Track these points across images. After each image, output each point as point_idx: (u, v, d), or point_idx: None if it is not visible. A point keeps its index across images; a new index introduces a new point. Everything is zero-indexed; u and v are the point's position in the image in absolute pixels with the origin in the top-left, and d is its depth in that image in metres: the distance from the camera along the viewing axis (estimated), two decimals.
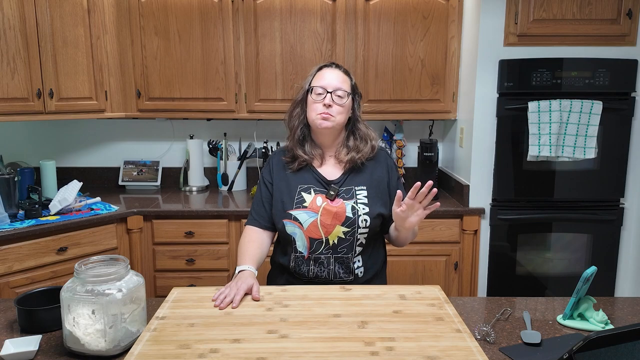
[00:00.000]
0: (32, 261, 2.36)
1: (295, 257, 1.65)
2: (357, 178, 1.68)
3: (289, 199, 1.65)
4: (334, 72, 1.67)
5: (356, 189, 1.66)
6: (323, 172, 1.69)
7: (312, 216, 1.61)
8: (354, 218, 1.61)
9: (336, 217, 1.61)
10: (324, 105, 1.61)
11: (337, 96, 1.62)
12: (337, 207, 1.62)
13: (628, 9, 2.54)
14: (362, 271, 1.66)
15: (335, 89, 1.63)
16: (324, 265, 1.63)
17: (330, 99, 1.62)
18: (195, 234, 2.71)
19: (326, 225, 1.61)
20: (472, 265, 2.77)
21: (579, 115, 2.54)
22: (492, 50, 2.61)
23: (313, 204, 1.63)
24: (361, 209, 1.63)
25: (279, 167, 1.73)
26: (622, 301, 1.55)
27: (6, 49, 2.46)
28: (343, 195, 1.65)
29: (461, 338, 1.20)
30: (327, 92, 1.62)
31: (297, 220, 1.62)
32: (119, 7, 2.85)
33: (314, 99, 1.64)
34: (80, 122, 3.26)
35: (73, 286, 1.19)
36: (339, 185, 1.66)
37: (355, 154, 1.67)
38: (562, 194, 2.69)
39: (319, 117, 1.62)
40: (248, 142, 3.24)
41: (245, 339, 1.20)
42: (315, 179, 1.68)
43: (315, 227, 1.61)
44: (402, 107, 2.97)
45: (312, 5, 2.86)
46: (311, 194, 1.64)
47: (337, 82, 1.64)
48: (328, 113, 1.61)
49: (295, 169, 1.69)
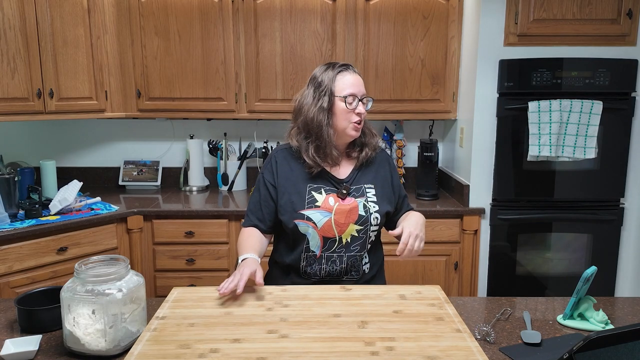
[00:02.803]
0: (32, 261, 2.36)
1: (307, 257, 1.64)
2: (366, 176, 1.70)
3: (299, 199, 1.63)
4: (356, 77, 1.66)
5: (365, 187, 1.68)
6: (333, 170, 1.69)
7: (327, 215, 1.61)
8: (367, 216, 1.63)
9: (350, 215, 1.61)
10: (357, 114, 1.62)
11: (364, 103, 1.64)
12: (350, 205, 1.63)
13: (628, 9, 2.54)
14: (368, 267, 1.68)
15: (363, 95, 1.65)
16: (336, 263, 1.63)
17: (362, 107, 1.63)
18: (196, 234, 2.71)
19: (340, 224, 1.61)
20: (472, 265, 2.77)
21: (579, 115, 2.54)
22: (492, 50, 2.61)
23: (326, 204, 1.62)
24: (372, 207, 1.64)
25: (284, 167, 1.69)
26: (622, 301, 1.55)
27: (6, 49, 2.46)
28: (354, 193, 1.66)
29: (461, 338, 1.20)
30: (359, 99, 1.63)
31: (311, 220, 1.60)
32: (119, 7, 2.85)
33: (347, 108, 1.61)
34: (80, 122, 3.26)
35: (73, 286, 1.19)
36: (349, 183, 1.67)
37: (368, 150, 1.70)
38: (562, 194, 2.69)
39: (352, 128, 1.63)
40: (248, 142, 3.24)
41: (246, 338, 1.20)
42: (325, 178, 1.67)
43: (330, 227, 1.61)
44: (402, 107, 2.97)
45: (312, 5, 2.86)
46: (322, 193, 1.64)
47: (362, 88, 1.65)
48: (360, 121, 1.63)
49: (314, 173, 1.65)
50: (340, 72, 1.65)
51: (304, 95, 1.67)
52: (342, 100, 1.61)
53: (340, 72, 1.65)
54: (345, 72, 1.65)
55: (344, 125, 1.63)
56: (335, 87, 1.63)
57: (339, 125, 1.63)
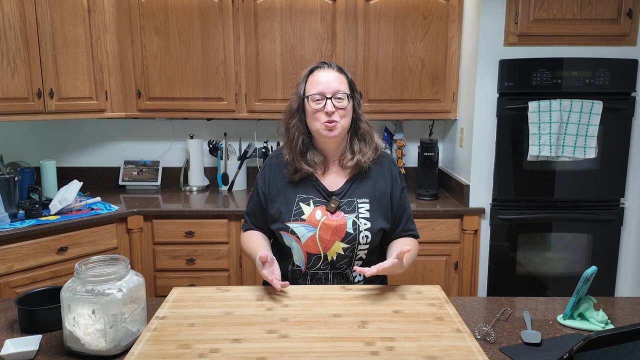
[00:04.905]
0: (32, 261, 2.36)
1: (292, 270, 1.58)
2: (360, 189, 1.58)
3: (287, 210, 1.55)
4: (329, 73, 1.54)
5: (358, 201, 1.56)
6: (325, 181, 1.59)
7: (311, 230, 1.52)
8: (355, 234, 1.52)
9: (336, 232, 1.51)
10: (326, 113, 1.50)
11: (337, 99, 1.51)
12: (337, 221, 1.52)
13: (628, 9, 2.54)
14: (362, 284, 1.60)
15: (334, 92, 1.51)
16: (321, 280, 1.56)
17: (332, 105, 1.50)
18: (196, 234, 2.71)
19: (325, 240, 1.52)
20: (472, 265, 2.77)
21: (579, 115, 2.54)
22: (492, 50, 2.61)
23: (312, 218, 1.53)
24: (363, 224, 1.53)
25: (276, 175, 1.62)
26: (622, 301, 1.55)
27: (6, 49, 2.46)
28: (344, 208, 1.55)
29: (461, 338, 1.20)
30: (326, 97, 1.50)
31: (295, 234, 1.53)
32: (119, 7, 2.85)
33: (313, 108, 1.52)
34: (80, 122, 3.26)
35: (73, 286, 1.19)
36: (341, 196, 1.56)
37: (361, 158, 1.57)
38: (562, 193, 2.69)
39: (323, 128, 1.51)
40: (248, 142, 3.24)
41: (246, 338, 1.20)
42: (316, 189, 1.57)
43: (314, 242, 1.52)
44: (402, 107, 2.97)
45: (312, 5, 2.86)
46: (310, 205, 1.55)
47: (334, 84, 1.52)
48: (333, 120, 1.50)
49: (297, 180, 1.58)
50: (312, 71, 1.57)
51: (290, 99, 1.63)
52: (309, 100, 1.53)
53: (312, 71, 1.57)
54: (318, 71, 1.55)
55: (316, 126, 1.53)
56: (306, 87, 1.56)
57: (312, 127, 1.55)
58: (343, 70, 1.59)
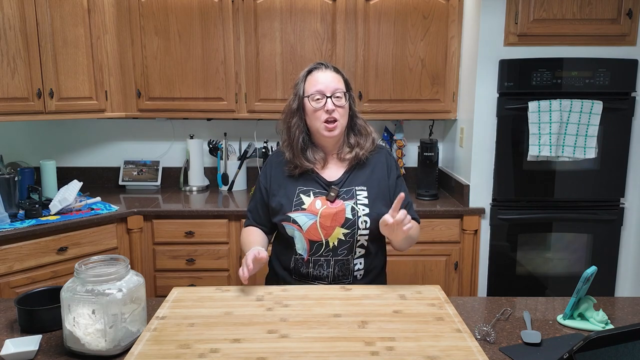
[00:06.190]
0: (32, 261, 2.36)
1: (295, 259, 1.64)
2: (358, 178, 1.65)
3: (288, 202, 1.62)
4: (327, 74, 1.61)
5: (356, 189, 1.63)
6: (324, 174, 1.66)
7: (312, 218, 1.59)
8: (354, 219, 1.59)
9: (335, 218, 1.58)
10: (326, 111, 1.57)
11: (336, 98, 1.58)
12: (337, 208, 1.59)
13: (628, 9, 2.54)
14: (361, 274, 1.64)
15: (333, 91, 1.58)
16: (323, 267, 1.61)
17: (332, 103, 1.57)
18: (196, 234, 2.71)
19: (326, 227, 1.58)
20: (472, 265, 2.77)
21: (579, 115, 2.54)
22: (492, 50, 2.61)
23: (312, 207, 1.60)
24: (361, 210, 1.59)
25: (277, 172, 1.69)
26: (622, 301, 1.55)
27: (6, 49, 2.46)
28: (343, 196, 1.62)
29: (461, 338, 1.20)
30: (327, 96, 1.58)
31: (296, 223, 1.59)
32: (119, 7, 2.85)
33: (314, 107, 1.59)
34: (80, 122, 3.26)
35: (73, 286, 1.19)
36: (339, 185, 1.63)
37: (359, 150, 1.64)
38: (562, 193, 2.69)
39: (324, 128, 1.59)
40: (248, 142, 3.24)
41: (246, 338, 1.20)
42: (316, 181, 1.64)
43: (315, 230, 1.59)
44: (402, 107, 2.97)
45: (312, 5, 2.86)
46: (310, 196, 1.61)
47: (333, 84, 1.59)
48: (333, 120, 1.58)
49: (297, 174, 1.65)
50: (311, 71, 1.64)
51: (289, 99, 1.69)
52: (309, 99, 1.60)
53: (311, 71, 1.64)
54: (316, 71, 1.62)
55: (316, 125, 1.60)
56: (305, 87, 1.62)
57: (312, 126, 1.62)
58: (339, 70, 1.67)
